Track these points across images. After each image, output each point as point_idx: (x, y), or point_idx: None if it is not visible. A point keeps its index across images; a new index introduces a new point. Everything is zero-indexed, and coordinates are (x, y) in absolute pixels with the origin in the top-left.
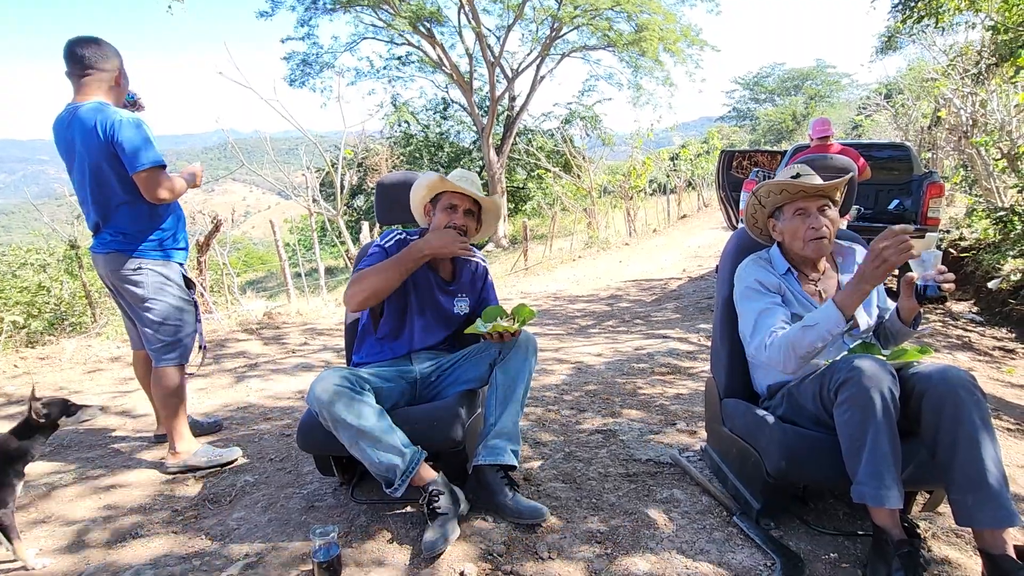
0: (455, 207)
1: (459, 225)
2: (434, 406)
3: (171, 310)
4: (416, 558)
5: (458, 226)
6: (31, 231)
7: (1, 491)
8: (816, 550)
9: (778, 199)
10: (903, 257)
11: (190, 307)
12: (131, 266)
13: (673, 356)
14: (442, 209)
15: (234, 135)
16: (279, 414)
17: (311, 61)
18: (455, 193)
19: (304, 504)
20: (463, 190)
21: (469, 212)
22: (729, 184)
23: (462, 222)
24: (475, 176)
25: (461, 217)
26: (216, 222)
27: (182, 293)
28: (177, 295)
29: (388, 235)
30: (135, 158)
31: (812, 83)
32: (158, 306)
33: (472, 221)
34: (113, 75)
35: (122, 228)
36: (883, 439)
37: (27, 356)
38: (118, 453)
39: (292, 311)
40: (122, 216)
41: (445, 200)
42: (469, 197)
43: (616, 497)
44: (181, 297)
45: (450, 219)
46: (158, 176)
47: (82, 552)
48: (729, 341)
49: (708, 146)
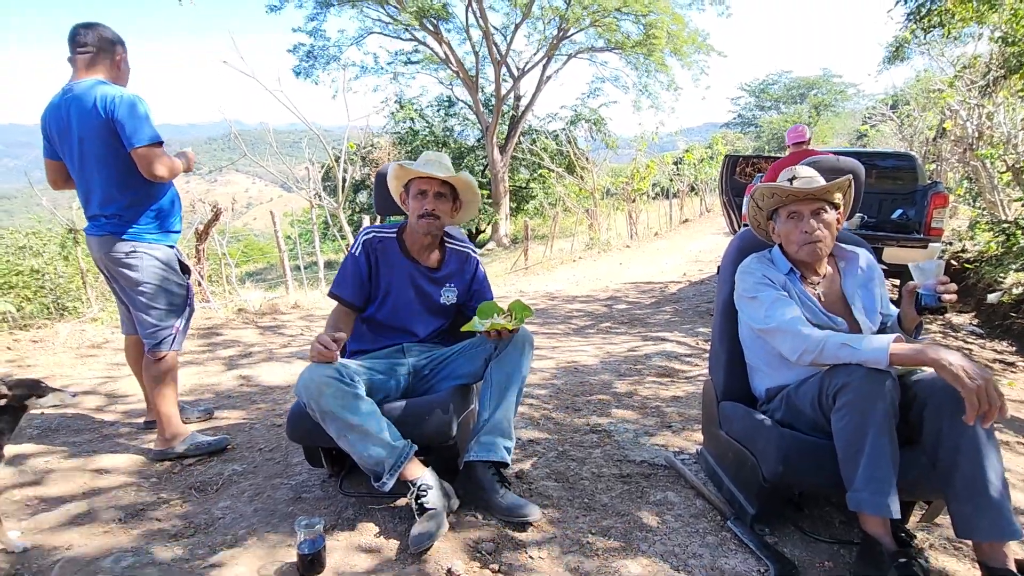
0: (424, 192)
1: (430, 211)
2: (426, 400)
3: (164, 294)
4: (403, 553)
5: (429, 211)
6: (32, 215)
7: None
8: (811, 557)
9: (771, 202)
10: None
11: (183, 292)
12: (124, 249)
13: (670, 359)
14: (413, 197)
15: (239, 127)
16: (270, 403)
17: (317, 54)
18: (421, 179)
19: (292, 495)
20: (426, 174)
21: (440, 195)
22: (732, 189)
23: (432, 207)
24: (443, 157)
25: (432, 202)
26: (216, 211)
27: (176, 278)
28: (172, 279)
29: (360, 236)
30: (134, 134)
31: (818, 92)
32: (151, 290)
33: (445, 203)
34: (113, 57)
35: (117, 210)
36: (881, 446)
37: (20, 339)
38: (106, 438)
39: (290, 302)
40: (117, 197)
41: (414, 187)
42: (437, 180)
43: (609, 498)
44: (176, 282)
45: (421, 206)
46: (157, 153)
47: (64, 535)
48: (728, 343)
49: (712, 151)
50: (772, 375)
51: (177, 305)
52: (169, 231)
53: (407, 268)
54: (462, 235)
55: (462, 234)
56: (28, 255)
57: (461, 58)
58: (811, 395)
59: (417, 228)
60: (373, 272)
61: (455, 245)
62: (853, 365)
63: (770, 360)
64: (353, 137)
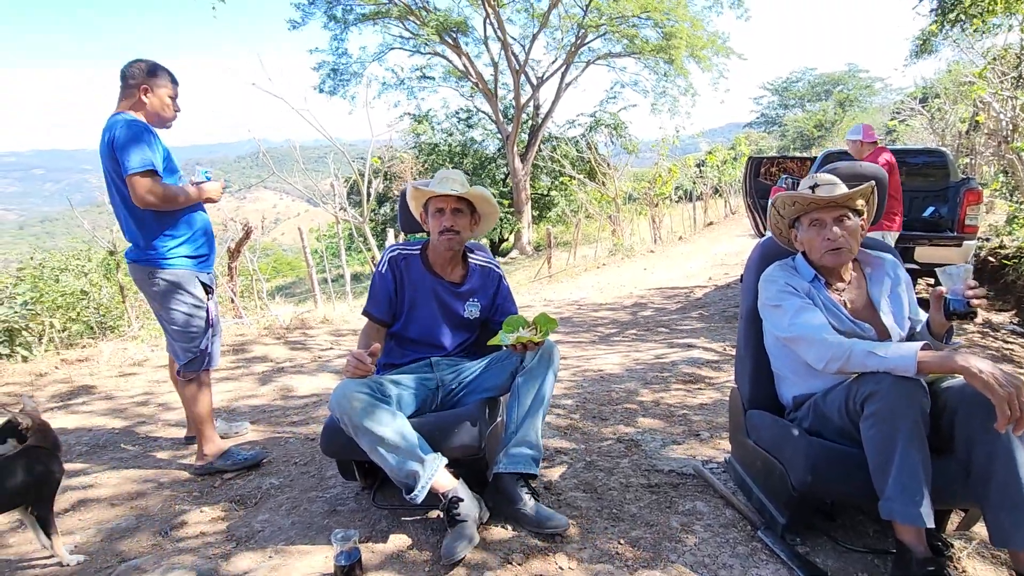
0: (442, 210)
1: (449, 227)
2: (455, 413)
3: (184, 318)
4: (435, 564)
5: (448, 228)
6: (73, 237)
7: (46, 485)
8: (844, 567)
9: (793, 210)
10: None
11: (203, 314)
12: (145, 274)
13: (697, 365)
14: (431, 216)
15: (265, 144)
16: (304, 418)
17: (341, 70)
18: (437, 197)
19: (327, 508)
20: (438, 192)
21: (457, 211)
22: (756, 191)
23: (451, 223)
24: (457, 174)
25: (449, 219)
26: (247, 229)
27: (194, 300)
28: (189, 303)
29: (386, 254)
30: (125, 160)
31: (843, 88)
32: (171, 315)
33: (462, 219)
34: (139, 88)
35: (136, 238)
36: (912, 455)
37: (67, 358)
38: (150, 454)
39: (319, 316)
40: (134, 225)
41: (432, 206)
42: (453, 197)
43: (637, 508)
44: (194, 304)
45: (440, 223)
46: (141, 182)
47: (115, 548)
48: (754, 351)
49: (735, 152)
50: (799, 383)
51: (198, 327)
52: (188, 256)
53: (431, 284)
54: (486, 250)
55: (486, 250)
56: (71, 276)
57: (480, 70)
58: (838, 403)
59: (439, 245)
60: (399, 287)
61: (478, 260)
62: (881, 373)
63: (796, 368)
64: (376, 152)
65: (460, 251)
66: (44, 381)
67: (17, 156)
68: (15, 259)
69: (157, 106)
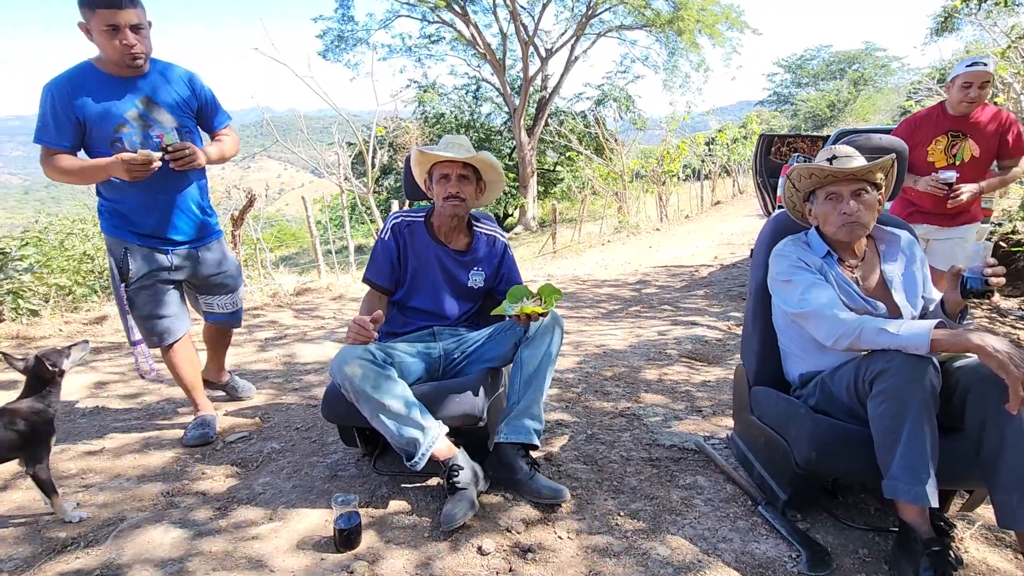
0: (447, 176)
1: (454, 193)
2: (457, 382)
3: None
4: (435, 530)
5: (453, 194)
6: (78, 202)
7: (38, 449)
8: (844, 544)
9: (809, 183)
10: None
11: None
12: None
13: (700, 343)
14: (436, 182)
15: (269, 113)
16: (305, 384)
17: (346, 36)
18: (443, 162)
19: (327, 473)
20: (447, 157)
21: (463, 177)
22: (767, 170)
23: (456, 190)
24: (463, 139)
25: (455, 185)
26: (251, 197)
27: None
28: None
29: (389, 220)
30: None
31: (859, 67)
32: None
33: (468, 185)
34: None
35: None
36: (920, 434)
37: (71, 320)
38: (153, 416)
39: (323, 286)
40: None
41: (437, 172)
42: (459, 162)
43: (638, 481)
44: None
45: (445, 189)
46: (42, 155)
47: (117, 507)
48: (761, 328)
49: (746, 131)
50: (806, 360)
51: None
52: (115, 225)
53: (435, 251)
54: (492, 219)
55: (492, 219)
56: (76, 240)
57: (488, 40)
58: (847, 381)
59: (443, 211)
60: (402, 255)
61: (483, 229)
62: (892, 350)
63: (804, 345)
64: (381, 122)
65: (465, 219)
66: (50, 343)
67: (21, 120)
68: (21, 223)
69: (100, 48)
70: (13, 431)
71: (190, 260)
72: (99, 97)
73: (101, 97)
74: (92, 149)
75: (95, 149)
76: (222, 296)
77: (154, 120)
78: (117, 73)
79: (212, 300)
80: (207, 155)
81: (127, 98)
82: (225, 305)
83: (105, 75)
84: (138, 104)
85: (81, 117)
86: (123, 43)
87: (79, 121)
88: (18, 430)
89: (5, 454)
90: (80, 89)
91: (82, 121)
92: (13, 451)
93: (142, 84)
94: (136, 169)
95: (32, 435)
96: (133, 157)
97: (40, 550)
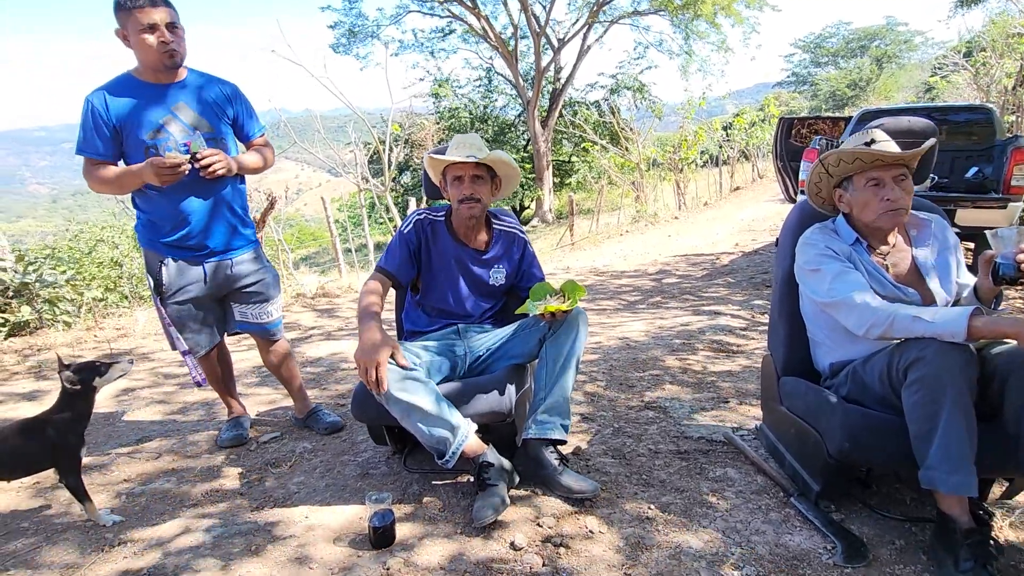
0: (460, 178)
1: (469, 195)
2: (484, 379)
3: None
4: (467, 527)
5: (468, 196)
6: (103, 210)
7: (69, 459)
8: (880, 535)
9: (849, 168)
10: None
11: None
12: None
13: (724, 332)
14: (450, 184)
15: (285, 114)
16: (334, 384)
17: (357, 31)
18: (454, 164)
19: (359, 471)
20: (455, 160)
21: (476, 178)
22: (787, 153)
23: (470, 191)
24: (473, 138)
25: (468, 187)
26: (271, 200)
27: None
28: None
29: (412, 215)
30: None
31: (880, 43)
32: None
33: (482, 185)
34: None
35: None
36: (957, 422)
37: (104, 327)
38: (187, 418)
39: (344, 285)
40: None
41: (450, 174)
42: (471, 164)
43: (667, 474)
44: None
45: (460, 192)
46: (84, 167)
47: (155, 508)
48: (788, 317)
49: (764, 114)
50: (836, 350)
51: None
52: (151, 237)
53: (455, 251)
54: (511, 215)
55: (511, 214)
56: (106, 247)
57: (500, 32)
58: (880, 369)
59: (460, 213)
60: (422, 251)
61: (502, 226)
62: (926, 338)
63: (834, 334)
64: (396, 119)
65: (483, 218)
66: (84, 348)
67: (47, 131)
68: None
69: (137, 50)
70: (43, 443)
71: (223, 270)
72: (135, 104)
73: (137, 104)
74: (129, 157)
75: (131, 157)
76: (254, 306)
77: (188, 126)
78: (154, 80)
79: (246, 310)
80: (240, 163)
81: (162, 105)
82: (258, 315)
83: (142, 83)
84: (172, 110)
85: (117, 125)
86: (161, 40)
87: (116, 129)
88: (48, 442)
89: (36, 466)
90: (117, 97)
91: (118, 129)
92: (44, 463)
93: (177, 91)
94: (165, 173)
95: (63, 447)
96: (161, 160)
97: (89, 550)
